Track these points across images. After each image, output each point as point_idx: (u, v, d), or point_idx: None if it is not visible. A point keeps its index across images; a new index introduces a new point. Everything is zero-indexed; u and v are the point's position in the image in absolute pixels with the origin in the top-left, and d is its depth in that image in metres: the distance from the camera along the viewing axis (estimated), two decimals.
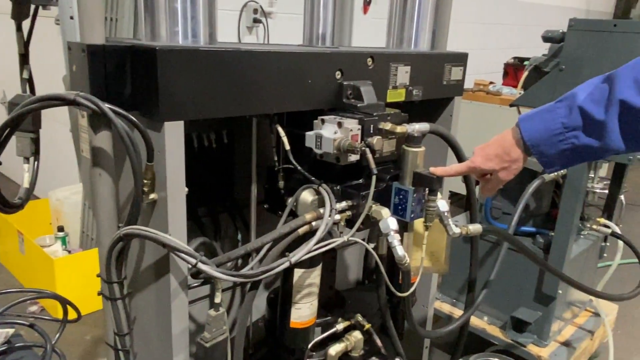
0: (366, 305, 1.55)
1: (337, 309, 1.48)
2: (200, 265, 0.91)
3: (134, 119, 0.90)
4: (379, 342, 1.45)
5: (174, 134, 0.91)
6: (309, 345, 1.32)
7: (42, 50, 3.07)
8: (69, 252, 2.71)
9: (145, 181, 0.94)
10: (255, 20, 2.84)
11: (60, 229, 2.76)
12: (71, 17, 1.30)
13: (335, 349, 1.34)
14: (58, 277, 2.42)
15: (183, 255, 0.92)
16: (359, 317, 1.43)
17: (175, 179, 0.94)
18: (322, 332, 1.36)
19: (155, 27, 0.98)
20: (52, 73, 1.70)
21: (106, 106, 0.88)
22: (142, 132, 0.90)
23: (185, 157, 0.95)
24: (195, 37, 0.98)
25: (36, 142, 1.13)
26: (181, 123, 0.92)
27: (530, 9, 5.64)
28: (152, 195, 0.96)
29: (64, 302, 1.15)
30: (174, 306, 1.02)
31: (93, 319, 2.40)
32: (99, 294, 1.10)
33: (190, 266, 0.94)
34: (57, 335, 1.14)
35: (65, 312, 1.16)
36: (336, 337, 1.39)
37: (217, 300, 1.01)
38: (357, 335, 1.39)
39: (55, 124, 2.43)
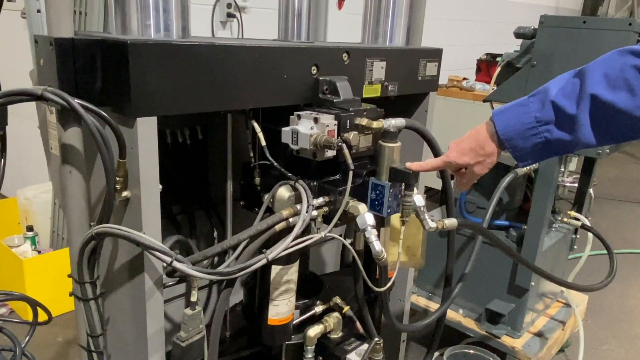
0: (344, 289, 1.55)
1: (316, 292, 1.47)
2: (176, 264, 0.90)
3: (105, 114, 0.87)
4: (357, 324, 1.45)
5: (146, 130, 0.89)
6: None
7: (7, 44, 2.97)
8: (39, 252, 2.64)
9: (117, 178, 0.92)
10: (229, 15, 2.80)
11: (30, 228, 2.68)
12: (38, 11, 1.26)
13: (314, 331, 1.34)
14: (28, 278, 2.35)
15: (158, 253, 0.90)
16: (338, 300, 1.43)
17: (149, 176, 0.92)
18: (301, 314, 1.36)
19: (126, 20, 0.95)
20: (18, 68, 1.64)
21: (76, 101, 0.86)
22: (114, 129, 0.88)
23: (159, 154, 0.93)
24: (168, 31, 0.96)
25: (2, 139, 1.09)
26: (154, 119, 0.90)
27: (502, 5, 5.73)
28: (124, 193, 0.94)
29: (34, 304, 1.11)
30: (149, 306, 1.00)
31: (65, 320, 2.34)
32: (71, 294, 1.08)
33: (165, 265, 0.92)
34: (27, 338, 1.11)
35: (35, 314, 1.13)
36: (315, 320, 1.38)
37: (193, 298, 1.00)
38: (336, 316, 1.39)
39: (23, 121, 2.35)
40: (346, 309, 1.42)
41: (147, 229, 0.93)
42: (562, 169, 2.23)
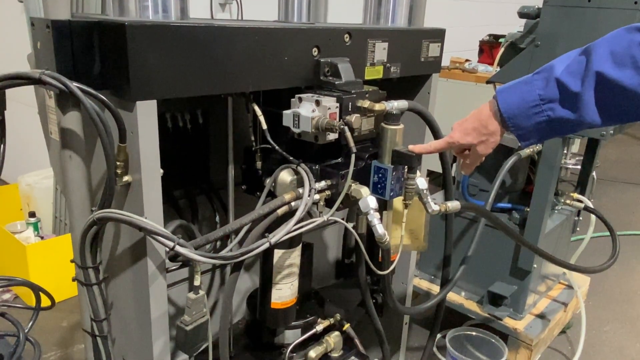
0: (345, 301, 1.57)
1: (317, 308, 1.49)
2: (178, 248, 0.89)
3: (104, 98, 0.86)
4: (358, 343, 1.47)
5: (146, 113, 0.88)
6: (290, 346, 1.33)
7: (4, 29, 2.94)
8: (42, 238, 2.64)
9: (118, 163, 0.91)
10: None
11: (32, 214, 2.69)
12: None
13: (315, 352, 1.36)
14: (31, 264, 2.36)
15: (160, 238, 0.89)
16: (338, 317, 1.45)
17: (150, 161, 0.91)
18: (302, 333, 1.37)
19: (124, 1, 0.93)
20: (16, 53, 1.63)
21: (74, 85, 0.84)
22: (113, 112, 0.87)
23: (159, 138, 0.92)
24: (166, 12, 0.94)
25: (2, 124, 1.07)
26: (154, 102, 0.88)
27: None
28: (125, 178, 0.93)
29: (36, 289, 1.12)
30: (152, 290, 1.00)
31: (69, 306, 2.36)
32: (74, 279, 1.08)
33: (167, 249, 0.92)
34: (30, 324, 1.11)
35: (38, 300, 1.13)
36: (316, 338, 1.40)
37: (197, 283, 1.00)
38: (336, 335, 1.41)
39: (23, 107, 2.34)
40: (346, 326, 1.44)
41: (148, 213, 0.93)
42: (565, 151, 2.22)
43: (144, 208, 0.92)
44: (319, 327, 1.40)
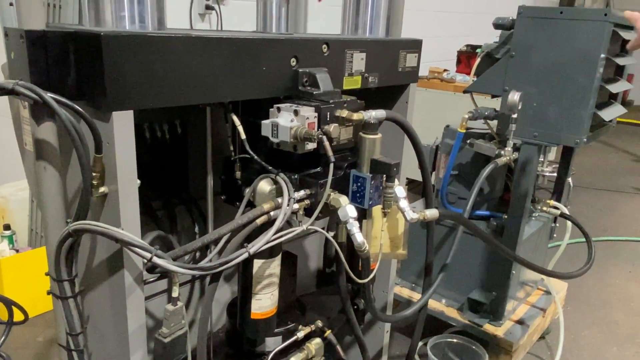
0: (327, 308, 1.57)
1: (298, 315, 1.48)
2: (156, 260, 0.89)
3: (79, 108, 0.86)
4: (339, 350, 1.47)
5: (123, 124, 0.87)
6: (271, 354, 1.32)
7: None
8: (17, 251, 2.58)
9: (94, 174, 0.90)
10: (208, 7, 2.77)
11: (7, 227, 2.62)
12: (11, 4, 1.23)
13: (297, 358, 1.36)
14: (5, 278, 2.31)
15: (137, 249, 0.88)
16: (319, 323, 1.45)
17: (126, 171, 0.90)
18: (283, 340, 1.37)
19: (100, 11, 0.93)
20: None
21: (49, 95, 0.83)
22: (89, 123, 0.86)
23: (136, 149, 0.92)
24: (143, 23, 0.94)
25: None
26: (130, 113, 0.88)
27: None
28: (102, 189, 0.92)
29: (8, 303, 1.09)
30: (130, 302, 0.98)
31: (45, 320, 2.30)
32: (49, 293, 1.06)
33: (145, 261, 0.91)
34: (3, 339, 1.08)
35: (10, 314, 1.11)
36: (297, 345, 1.39)
37: (175, 294, 0.99)
38: (317, 342, 1.40)
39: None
40: (327, 332, 1.43)
41: (125, 224, 0.92)
42: (542, 159, 2.26)
43: (120, 219, 0.91)
44: (300, 334, 1.39)
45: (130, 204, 0.92)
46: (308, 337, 1.42)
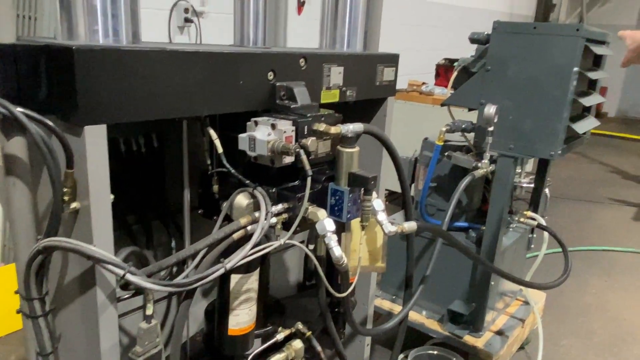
0: (307, 311, 1.55)
1: (277, 318, 1.46)
2: (129, 277, 0.87)
3: (50, 123, 0.84)
4: (319, 350, 1.45)
5: (95, 138, 0.86)
6: (250, 356, 1.29)
7: None
8: None
9: (65, 189, 0.88)
10: (187, 20, 2.76)
11: None
12: None
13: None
14: None
15: (109, 266, 0.87)
16: (300, 325, 1.43)
17: (99, 186, 0.88)
18: (263, 342, 1.34)
19: (73, 25, 0.92)
20: None
21: (18, 110, 0.82)
22: (60, 138, 0.84)
23: (111, 163, 0.90)
24: (117, 36, 0.93)
25: None
26: (103, 127, 0.87)
27: (460, 12, 5.87)
28: (73, 205, 0.90)
29: None
30: (102, 321, 0.96)
31: (18, 338, 2.24)
32: (18, 311, 1.02)
33: (118, 278, 0.89)
34: None
35: None
36: (277, 347, 1.37)
37: (149, 312, 0.97)
38: (297, 344, 1.39)
39: None
40: (308, 334, 1.42)
41: (97, 241, 0.90)
42: (519, 170, 2.29)
43: (92, 235, 0.89)
44: (280, 336, 1.37)
45: (102, 219, 0.90)
46: (288, 339, 1.40)
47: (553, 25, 1.82)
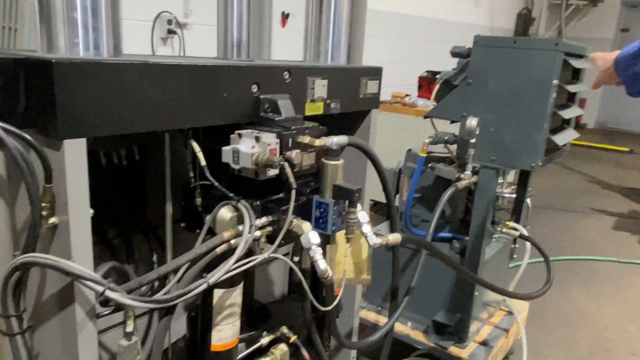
0: (292, 316, 1.53)
1: (262, 322, 1.44)
2: (109, 293, 0.85)
3: (28, 137, 0.82)
4: (305, 354, 1.43)
5: (74, 152, 0.84)
6: None
7: None
8: None
9: (43, 204, 0.86)
10: (170, 32, 2.75)
11: None
12: None
13: None
14: None
15: (88, 283, 0.85)
16: (285, 330, 1.41)
17: (78, 201, 0.87)
18: (247, 347, 1.32)
19: (53, 37, 0.91)
20: None
21: None
22: (38, 152, 0.83)
23: (92, 176, 0.89)
24: (98, 49, 0.92)
25: None
26: (83, 141, 0.85)
27: (441, 25, 5.97)
28: (52, 220, 0.88)
29: None
30: (81, 338, 0.94)
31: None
32: None
33: (97, 294, 0.87)
34: None
35: None
36: (261, 352, 1.35)
37: (129, 329, 0.95)
38: (282, 348, 1.37)
39: None
40: (293, 338, 1.40)
41: (76, 256, 0.88)
42: (501, 180, 2.32)
43: (71, 251, 0.87)
44: (265, 340, 1.35)
45: (82, 234, 0.88)
46: (273, 343, 1.38)
47: (532, 40, 1.86)
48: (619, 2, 9.08)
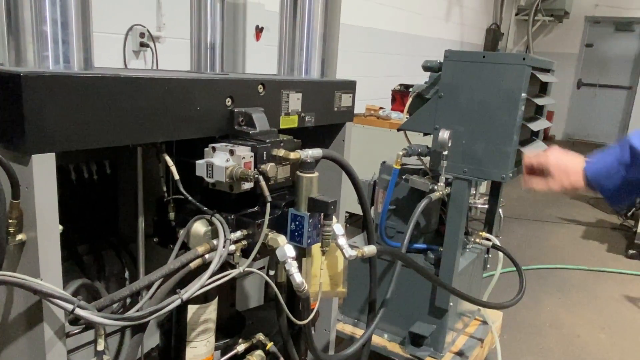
0: (268, 323, 1.51)
1: (238, 330, 1.42)
2: (78, 311, 0.83)
3: None
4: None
5: (43, 167, 0.82)
6: None
7: None
8: None
9: (10, 221, 0.84)
10: (142, 45, 2.73)
11: None
12: None
13: None
14: None
15: (57, 301, 0.82)
16: (261, 337, 1.39)
17: (47, 217, 0.85)
18: (222, 355, 1.30)
19: (21, 51, 0.89)
20: None
21: None
22: (5, 167, 0.81)
23: (62, 191, 0.87)
24: (68, 63, 0.91)
25: None
26: (52, 155, 0.83)
27: (414, 40, 6.08)
28: (19, 236, 0.86)
29: None
30: (50, 358, 0.91)
31: None
32: None
33: (67, 312, 0.85)
34: None
35: None
36: (237, 359, 1.33)
37: (100, 347, 0.92)
38: (259, 354, 1.35)
39: None
40: (269, 345, 1.38)
41: (45, 274, 0.85)
42: (474, 192, 2.36)
43: (39, 269, 0.85)
44: (240, 348, 1.33)
45: (50, 251, 0.86)
46: (249, 351, 1.36)
47: (501, 55, 1.91)
48: (583, 18, 9.42)
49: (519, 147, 1.89)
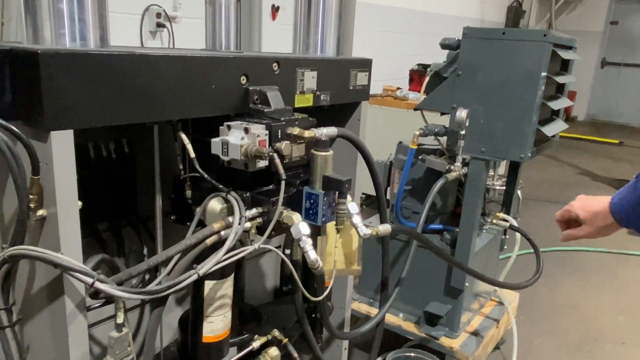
0: (283, 317, 1.54)
1: (253, 325, 1.45)
2: (98, 285, 0.85)
3: (14, 129, 0.82)
4: (295, 355, 1.44)
5: (62, 144, 0.84)
6: None
7: None
8: None
9: (31, 196, 0.86)
10: (159, 25, 2.74)
11: None
12: None
13: None
14: None
15: (78, 274, 0.85)
16: (276, 332, 1.42)
17: (66, 193, 0.86)
18: (238, 351, 1.33)
19: (38, 29, 0.90)
20: None
21: None
22: (25, 144, 0.82)
23: (81, 169, 0.89)
24: (84, 40, 0.92)
25: None
26: (70, 132, 0.85)
27: (433, 18, 5.97)
28: (40, 212, 0.88)
29: None
30: (72, 330, 0.94)
31: None
32: None
33: (87, 286, 0.87)
34: None
35: None
36: (253, 355, 1.36)
37: (119, 320, 0.95)
38: (274, 351, 1.38)
39: None
40: (284, 341, 1.41)
41: (65, 249, 0.88)
42: (492, 173, 2.33)
43: (60, 243, 0.87)
44: (256, 344, 1.36)
45: (70, 227, 0.88)
46: (264, 347, 1.39)
47: (521, 31, 1.87)
48: None
49: (538, 126, 1.86)
